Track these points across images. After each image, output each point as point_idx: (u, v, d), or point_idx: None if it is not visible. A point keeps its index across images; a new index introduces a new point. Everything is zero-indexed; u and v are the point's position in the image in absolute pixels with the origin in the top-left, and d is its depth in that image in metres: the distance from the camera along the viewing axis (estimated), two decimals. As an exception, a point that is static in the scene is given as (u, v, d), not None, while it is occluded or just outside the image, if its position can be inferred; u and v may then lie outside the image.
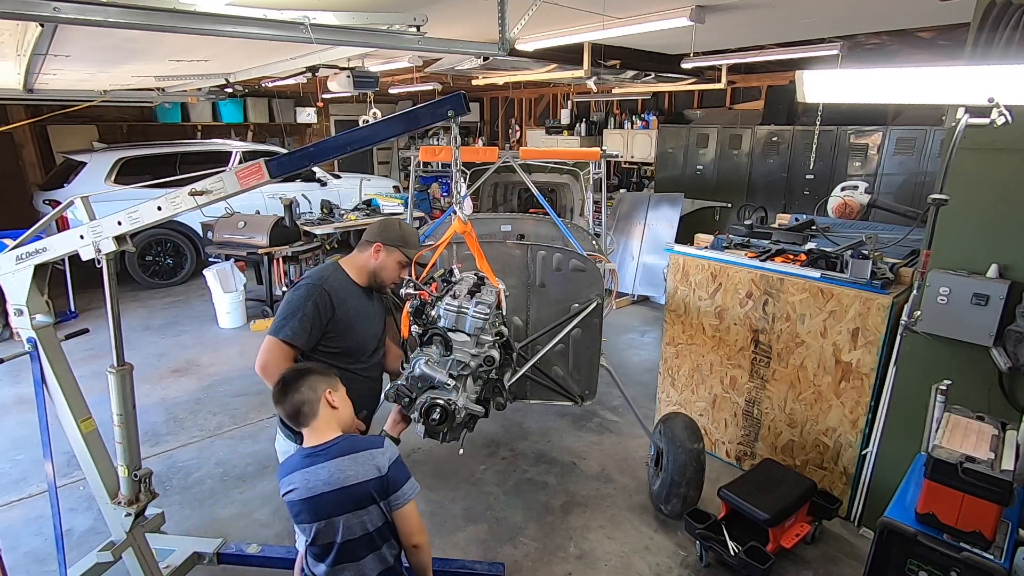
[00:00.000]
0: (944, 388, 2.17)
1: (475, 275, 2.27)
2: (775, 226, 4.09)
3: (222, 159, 7.67)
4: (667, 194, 6.96)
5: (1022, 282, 2.43)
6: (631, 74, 5.99)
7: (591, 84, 5.67)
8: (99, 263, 2.07)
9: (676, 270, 3.71)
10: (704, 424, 3.69)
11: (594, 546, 3.00)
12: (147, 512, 2.38)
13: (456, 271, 2.32)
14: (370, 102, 5.24)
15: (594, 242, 4.19)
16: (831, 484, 3.20)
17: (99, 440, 2.30)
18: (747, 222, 3.98)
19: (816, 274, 3.08)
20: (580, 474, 3.61)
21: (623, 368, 5.03)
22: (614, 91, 8.75)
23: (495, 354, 2.05)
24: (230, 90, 7.01)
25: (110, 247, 2.03)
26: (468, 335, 2.00)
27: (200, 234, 7.04)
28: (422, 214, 8.63)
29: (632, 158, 9.17)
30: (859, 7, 3.71)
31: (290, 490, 1.68)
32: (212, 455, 3.83)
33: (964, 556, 1.89)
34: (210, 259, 6.45)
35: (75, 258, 2.09)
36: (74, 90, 6.15)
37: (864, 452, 3.03)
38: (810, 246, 3.39)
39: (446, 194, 10.74)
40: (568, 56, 5.12)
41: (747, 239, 3.73)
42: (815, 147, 6.40)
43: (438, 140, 11.64)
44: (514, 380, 2.67)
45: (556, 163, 5.16)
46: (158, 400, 4.55)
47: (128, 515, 2.28)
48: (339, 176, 8.92)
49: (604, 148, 4.21)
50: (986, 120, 1.76)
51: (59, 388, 2.20)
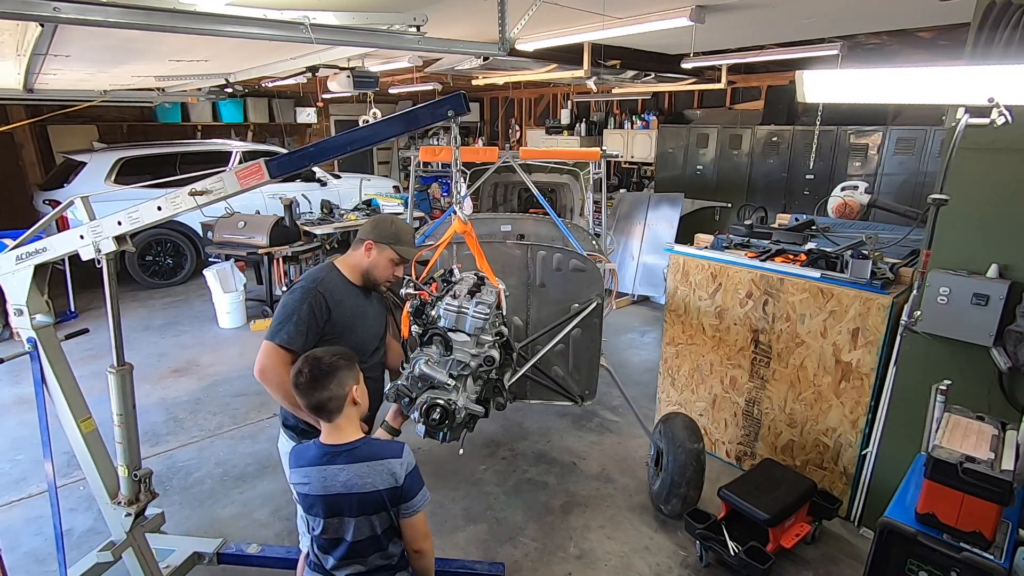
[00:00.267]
0: (944, 388, 2.16)
1: (475, 275, 2.27)
2: (775, 226, 4.09)
3: (222, 159, 7.67)
4: (667, 194, 6.96)
5: (1022, 282, 2.43)
6: (631, 74, 5.99)
7: (591, 84, 5.67)
8: (99, 263, 2.07)
9: (676, 270, 3.71)
10: (704, 424, 3.69)
11: (594, 546, 3.00)
12: (147, 512, 2.38)
13: (456, 271, 2.32)
14: (370, 102, 5.24)
15: (594, 242, 4.19)
16: (831, 484, 3.20)
17: (99, 440, 2.30)
18: (747, 222, 3.99)
19: (816, 274, 3.08)
20: (580, 474, 3.61)
21: (623, 368, 5.03)
22: (614, 91, 8.75)
23: (495, 354, 2.05)
24: (230, 90, 7.01)
25: (110, 247, 2.03)
26: (468, 335, 2.00)
27: (200, 234, 7.04)
28: (422, 214, 8.64)
29: (632, 158, 9.16)
30: (859, 7, 3.71)
31: (305, 483, 1.70)
32: (212, 455, 3.83)
33: (964, 556, 1.89)
34: (210, 259, 6.45)
35: (75, 258, 2.09)
36: (74, 90, 6.15)
37: (864, 452, 3.03)
38: (810, 246, 3.39)
39: (446, 194, 10.73)
40: (568, 56, 5.12)
41: (747, 239, 3.73)
42: (815, 147, 6.40)
43: (438, 140, 11.63)
44: (514, 380, 2.67)
45: (556, 163, 5.16)
46: (158, 400, 4.55)
47: (128, 515, 2.28)
48: (339, 176, 8.91)
49: (604, 148, 4.21)
50: (986, 120, 1.76)
51: (59, 388, 2.20)
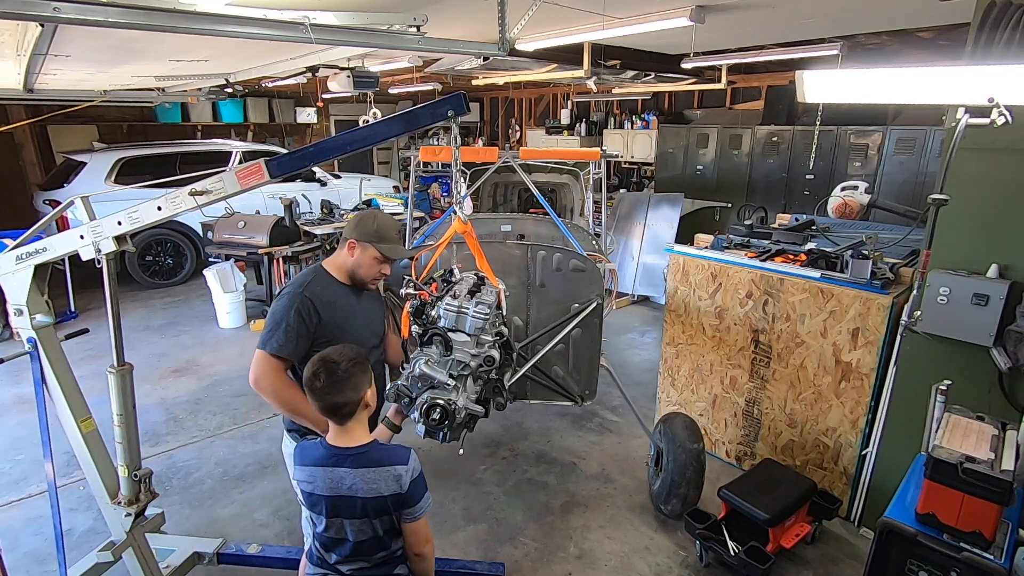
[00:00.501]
0: (944, 388, 2.16)
1: (475, 275, 2.26)
2: (775, 226, 4.09)
3: (222, 159, 7.67)
4: (667, 194, 6.96)
5: (1022, 282, 2.43)
6: (631, 74, 5.99)
7: (591, 84, 5.68)
8: (99, 263, 2.07)
9: (676, 270, 3.71)
10: (704, 424, 3.69)
11: (594, 546, 3.00)
12: (147, 512, 2.38)
13: (456, 271, 2.32)
14: (370, 102, 5.23)
15: (594, 242, 4.19)
16: (831, 484, 3.20)
17: (99, 440, 2.30)
18: (747, 222, 3.98)
19: (816, 274, 3.08)
20: (580, 474, 3.61)
21: (623, 368, 5.03)
22: (614, 91, 8.74)
23: (495, 354, 2.04)
24: (230, 90, 7.01)
25: (110, 247, 2.03)
26: (468, 335, 2.00)
27: (200, 234, 7.04)
28: (422, 214, 8.62)
29: (632, 158, 9.16)
30: (859, 7, 3.71)
31: (310, 483, 1.70)
32: (212, 455, 3.83)
33: (964, 556, 1.89)
34: (210, 259, 6.45)
35: (75, 258, 2.09)
36: (74, 90, 6.15)
37: (864, 452, 3.03)
38: (810, 246, 3.39)
39: (446, 194, 10.73)
40: (568, 56, 5.12)
41: (747, 239, 3.73)
42: (815, 147, 6.40)
43: (438, 140, 11.62)
44: (514, 380, 2.67)
45: (556, 163, 5.16)
46: (158, 400, 4.55)
47: (128, 515, 2.28)
48: (339, 176, 8.91)
49: (604, 148, 4.21)
50: (986, 120, 1.76)
51: (59, 388, 2.20)
